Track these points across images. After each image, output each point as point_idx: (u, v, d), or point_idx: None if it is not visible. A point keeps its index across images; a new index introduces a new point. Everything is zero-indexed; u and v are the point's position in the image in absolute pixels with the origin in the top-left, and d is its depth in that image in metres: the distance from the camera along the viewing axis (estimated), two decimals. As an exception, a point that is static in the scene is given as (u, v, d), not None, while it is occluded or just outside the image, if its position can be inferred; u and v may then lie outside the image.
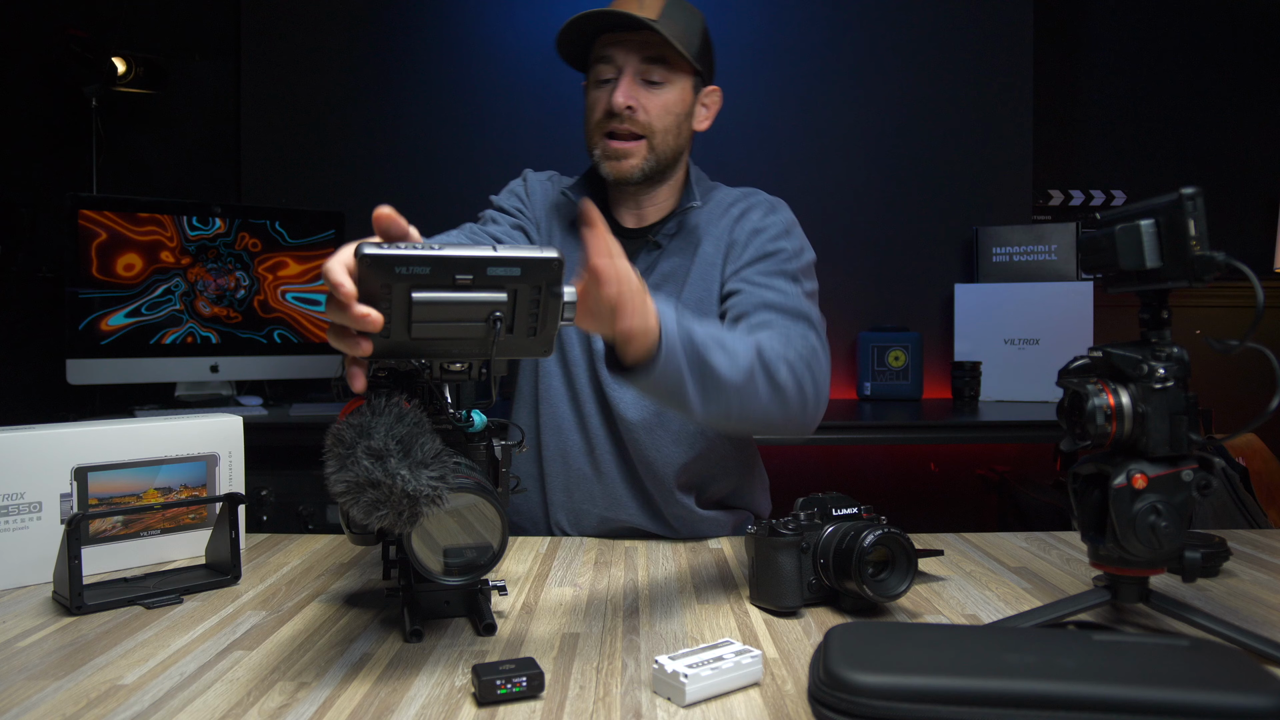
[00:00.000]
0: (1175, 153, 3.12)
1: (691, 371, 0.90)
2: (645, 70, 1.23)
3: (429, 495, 0.70)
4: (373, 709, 0.69)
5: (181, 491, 1.12)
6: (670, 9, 1.22)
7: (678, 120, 1.26)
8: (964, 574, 1.06)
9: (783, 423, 1.07)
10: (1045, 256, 2.75)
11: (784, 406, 1.04)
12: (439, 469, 0.71)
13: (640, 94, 1.23)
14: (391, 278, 0.69)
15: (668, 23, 1.21)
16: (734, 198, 1.32)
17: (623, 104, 1.21)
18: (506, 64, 2.89)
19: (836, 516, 0.94)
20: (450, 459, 0.73)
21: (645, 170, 1.25)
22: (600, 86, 1.26)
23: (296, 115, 2.91)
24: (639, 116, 1.23)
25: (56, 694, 0.72)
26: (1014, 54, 2.91)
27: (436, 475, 0.71)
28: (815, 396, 1.09)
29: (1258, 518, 1.99)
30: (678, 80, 1.25)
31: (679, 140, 1.28)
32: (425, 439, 0.72)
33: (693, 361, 0.90)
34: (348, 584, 1.02)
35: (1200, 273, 0.74)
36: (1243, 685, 0.58)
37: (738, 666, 0.72)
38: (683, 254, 1.28)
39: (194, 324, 2.47)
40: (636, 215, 1.33)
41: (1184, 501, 0.78)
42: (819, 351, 1.12)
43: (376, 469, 0.69)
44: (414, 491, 0.69)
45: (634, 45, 1.22)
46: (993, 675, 0.59)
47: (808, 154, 2.88)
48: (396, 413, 0.73)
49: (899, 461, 2.95)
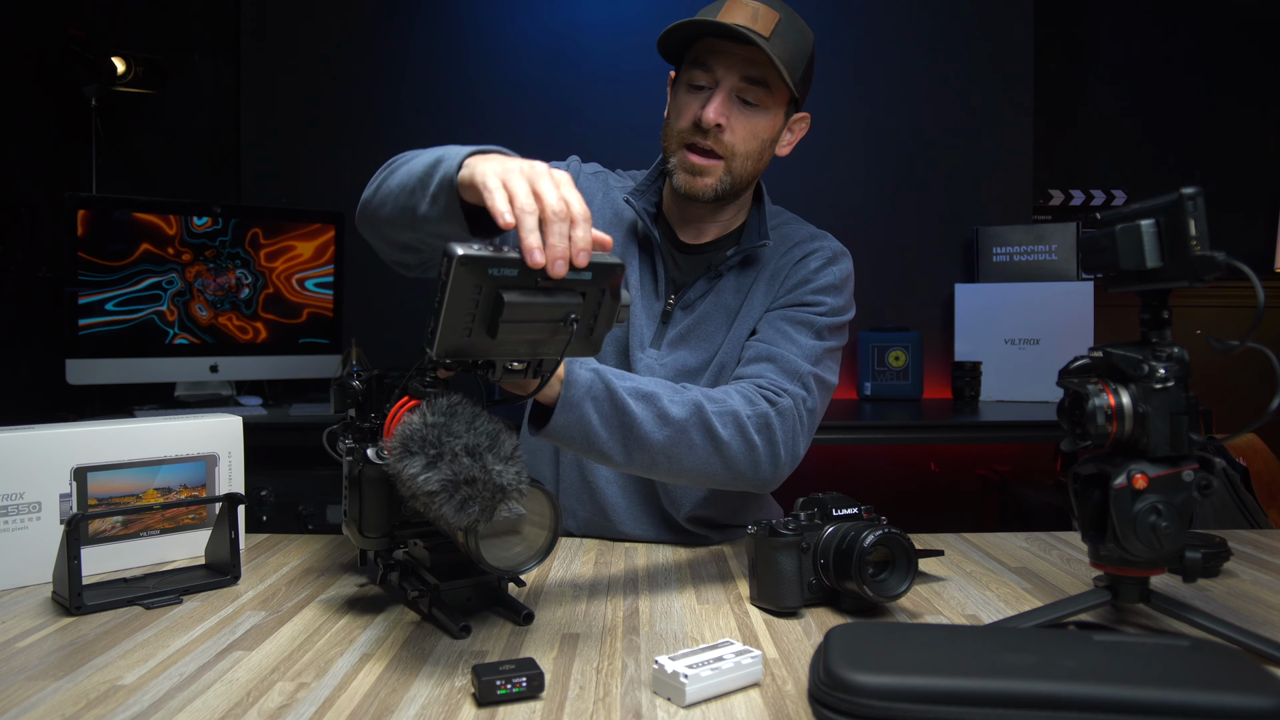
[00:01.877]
0: (1175, 153, 3.13)
1: (606, 423, 0.97)
2: (743, 89, 1.15)
3: (516, 488, 0.73)
4: (373, 709, 0.69)
5: (181, 492, 1.12)
6: (784, 27, 1.14)
7: (762, 146, 1.19)
8: (964, 574, 1.06)
9: (728, 478, 1.06)
10: (1045, 256, 2.75)
11: (727, 463, 1.04)
12: (518, 464, 0.74)
13: (732, 113, 1.16)
14: (483, 278, 0.72)
15: (778, 42, 1.12)
16: (800, 237, 1.27)
17: (713, 120, 1.14)
18: (506, 64, 2.89)
19: (837, 517, 0.94)
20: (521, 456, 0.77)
21: (719, 191, 1.19)
22: (693, 93, 1.18)
23: (296, 115, 2.91)
24: (725, 137, 1.16)
25: (56, 694, 0.72)
26: (1014, 54, 2.91)
27: (517, 470, 0.74)
28: (770, 456, 1.07)
29: (1258, 518, 1.99)
30: (773, 106, 1.18)
31: (758, 165, 1.21)
32: (506, 436, 0.75)
33: (607, 414, 0.96)
34: (348, 584, 1.02)
35: (1201, 272, 0.74)
36: (1243, 686, 0.58)
37: (738, 667, 0.72)
38: (738, 290, 1.24)
39: (185, 334, 2.47)
40: (696, 230, 1.28)
41: (1184, 502, 0.78)
42: (794, 413, 1.10)
43: (474, 466, 0.71)
44: (506, 485, 0.72)
45: (738, 60, 1.14)
46: (993, 676, 0.59)
47: (807, 154, 2.85)
48: (473, 411, 0.76)
49: (899, 461, 2.95)
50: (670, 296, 1.25)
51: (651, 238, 1.24)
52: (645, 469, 1.03)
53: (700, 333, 1.23)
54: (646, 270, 1.26)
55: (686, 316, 1.23)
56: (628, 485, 1.24)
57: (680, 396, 1.03)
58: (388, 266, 1.19)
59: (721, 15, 1.13)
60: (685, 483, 1.10)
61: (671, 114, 1.21)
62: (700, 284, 1.24)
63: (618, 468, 1.03)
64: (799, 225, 1.31)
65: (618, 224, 1.28)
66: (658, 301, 1.25)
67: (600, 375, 0.97)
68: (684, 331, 1.23)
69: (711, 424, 1.03)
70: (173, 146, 2.93)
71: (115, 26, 2.81)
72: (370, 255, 1.19)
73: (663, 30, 1.16)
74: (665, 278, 1.24)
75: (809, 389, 1.14)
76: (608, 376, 0.98)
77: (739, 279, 1.24)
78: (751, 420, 1.06)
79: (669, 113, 1.22)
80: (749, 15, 1.12)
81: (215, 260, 2.49)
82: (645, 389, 1.01)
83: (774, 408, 1.08)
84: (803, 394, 1.13)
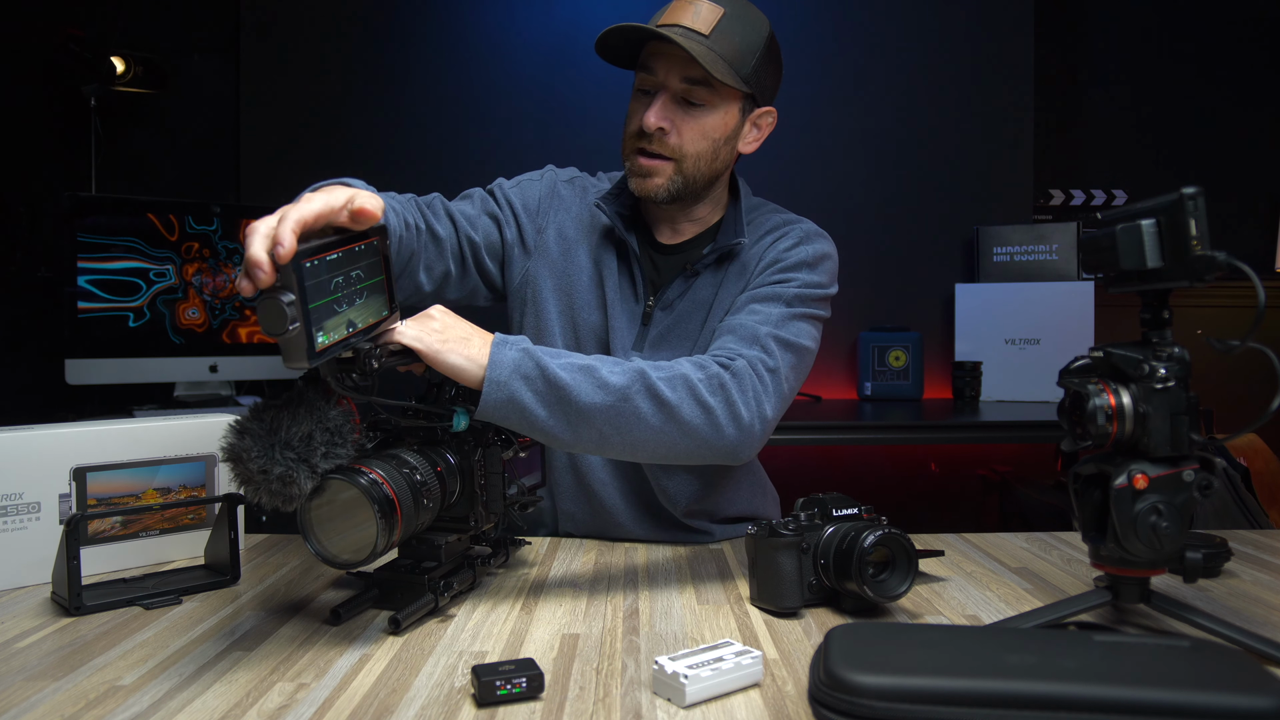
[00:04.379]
0: (1176, 152, 3.12)
1: (541, 400, 0.93)
2: (686, 90, 1.14)
3: (281, 474, 0.76)
4: (373, 709, 0.69)
5: (180, 492, 1.11)
6: (727, 22, 1.12)
7: (714, 146, 1.17)
8: (965, 574, 1.06)
9: (693, 448, 1.01)
10: (1046, 256, 2.75)
11: (684, 430, 0.99)
12: (301, 451, 0.77)
13: (676, 115, 1.15)
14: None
15: (720, 38, 1.11)
16: (774, 224, 1.25)
17: (654, 125, 1.14)
18: (506, 64, 2.89)
19: (837, 517, 0.94)
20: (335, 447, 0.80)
21: (671, 191, 1.18)
22: (640, 97, 1.18)
23: (296, 115, 2.91)
24: (670, 140, 1.15)
25: (55, 695, 0.72)
26: (1015, 54, 2.91)
27: (295, 456, 0.76)
28: (731, 418, 1.01)
29: (1259, 518, 1.99)
30: (721, 104, 1.15)
31: (714, 164, 1.19)
32: (296, 425, 0.78)
33: (540, 390, 0.93)
34: (347, 584, 1.02)
35: (1201, 272, 0.74)
36: (1243, 686, 0.58)
37: (738, 667, 0.72)
38: (714, 285, 1.23)
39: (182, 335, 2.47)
40: (672, 230, 1.28)
41: (1185, 502, 0.78)
42: (750, 372, 1.05)
43: (239, 445, 0.77)
44: (264, 469, 0.75)
45: (677, 62, 1.12)
46: (993, 676, 0.59)
47: (808, 154, 2.88)
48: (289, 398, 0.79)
49: (899, 462, 2.94)
50: (650, 298, 1.25)
51: (625, 241, 1.23)
52: (597, 445, 0.98)
53: (680, 331, 1.23)
54: (624, 274, 1.26)
55: (667, 317, 1.24)
56: (623, 485, 1.24)
57: (621, 366, 0.99)
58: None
59: (665, 18, 1.13)
60: (650, 459, 1.03)
61: (627, 119, 1.21)
62: (678, 283, 1.23)
63: (568, 448, 0.99)
64: (776, 214, 1.29)
65: (593, 229, 1.28)
66: (637, 304, 1.25)
67: (530, 354, 0.94)
68: (664, 331, 1.23)
69: (657, 388, 0.98)
70: (173, 146, 2.93)
71: (115, 26, 2.80)
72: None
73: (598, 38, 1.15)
74: (643, 280, 1.24)
75: (768, 350, 1.08)
76: (538, 354, 0.95)
77: (715, 275, 1.23)
78: (703, 383, 1.01)
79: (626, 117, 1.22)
80: (690, 15, 1.11)
81: (214, 260, 2.49)
82: (582, 362, 0.97)
83: (727, 370, 1.03)
84: (759, 355, 1.07)
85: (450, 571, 0.95)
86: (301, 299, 0.73)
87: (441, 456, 0.92)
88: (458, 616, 0.91)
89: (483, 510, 0.95)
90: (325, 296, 0.76)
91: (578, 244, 1.27)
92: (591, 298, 1.25)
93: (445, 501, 0.92)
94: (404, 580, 0.91)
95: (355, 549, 0.81)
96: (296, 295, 0.72)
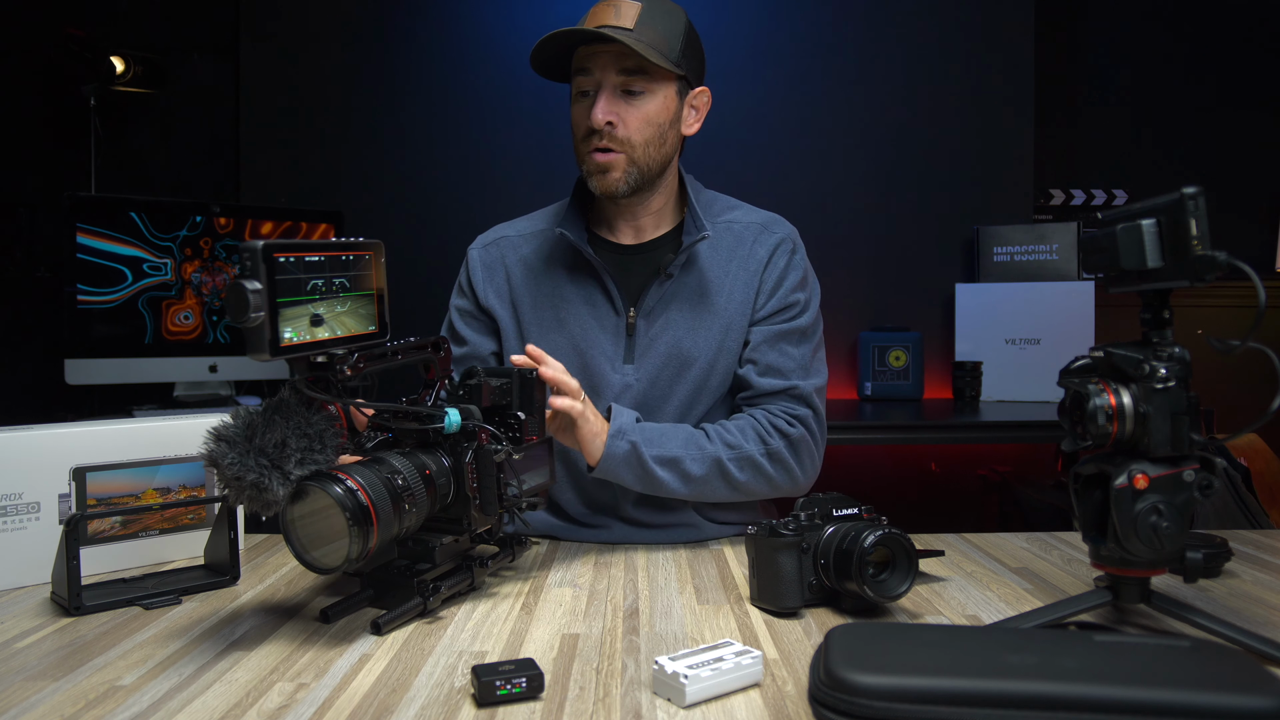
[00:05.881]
0: (1176, 152, 3.12)
1: (640, 482, 1.18)
2: (624, 82, 1.20)
3: (253, 481, 0.76)
4: (372, 709, 0.69)
5: (180, 492, 1.11)
6: (647, 14, 1.19)
7: (660, 131, 1.23)
8: (965, 574, 1.06)
9: (752, 500, 1.28)
10: (1046, 256, 2.74)
11: (750, 494, 1.23)
12: (275, 458, 0.77)
13: (620, 107, 1.20)
14: None
15: (645, 29, 1.17)
16: (753, 232, 1.30)
17: (602, 120, 1.19)
18: (506, 63, 2.89)
19: (837, 517, 0.93)
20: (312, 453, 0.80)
21: (630, 183, 1.23)
22: (581, 101, 1.23)
23: (295, 114, 2.91)
24: (619, 132, 1.20)
25: (55, 695, 0.72)
26: (1015, 53, 2.91)
27: (268, 463, 0.77)
28: (789, 481, 1.23)
29: (1259, 518, 1.99)
30: (659, 89, 1.22)
31: (664, 149, 1.24)
32: (271, 431, 0.78)
33: (640, 475, 1.18)
34: (347, 584, 1.02)
35: (1202, 272, 0.74)
36: (1244, 686, 0.58)
37: (738, 667, 0.72)
38: (698, 291, 1.27)
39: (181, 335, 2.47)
40: (634, 229, 1.31)
41: (1185, 502, 0.78)
42: (806, 437, 1.24)
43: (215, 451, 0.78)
44: (238, 475, 0.76)
45: (611, 57, 1.19)
46: (994, 676, 0.59)
47: (808, 154, 2.88)
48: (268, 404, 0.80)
49: (899, 461, 2.94)
50: (630, 310, 1.26)
51: (589, 260, 1.26)
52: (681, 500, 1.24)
53: (667, 339, 1.26)
54: (597, 292, 1.28)
55: (651, 325, 1.26)
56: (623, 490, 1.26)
57: (700, 454, 1.19)
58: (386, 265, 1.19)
59: (589, 22, 1.20)
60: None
61: (573, 128, 1.26)
62: (654, 290, 1.26)
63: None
64: (737, 211, 1.34)
65: (547, 267, 1.31)
66: (618, 317, 1.26)
67: (635, 449, 1.16)
68: (651, 340, 1.26)
69: (729, 474, 1.20)
70: (172, 146, 2.93)
71: (114, 26, 2.80)
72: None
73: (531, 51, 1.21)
74: (618, 292, 1.26)
75: (814, 406, 1.26)
76: (641, 449, 1.16)
77: (695, 280, 1.28)
78: (766, 459, 1.21)
79: (572, 128, 1.27)
80: (612, 15, 1.19)
81: (213, 260, 2.49)
82: (670, 454, 1.18)
83: (787, 440, 1.22)
84: (810, 413, 1.25)
85: (446, 574, 0.95)
86: (270, 290, 0.74)
87: (435, 458, 0.92)
88: (458, 616, 0.91)
89: (476, 512, 0.94)
90: (299, 295, 0.77)
91: (540, 280, 1.31)
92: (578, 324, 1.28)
93: (437, 504, 0.91)
94: (396, 581, 0.91)
95: (335, 554, 0.81)
96: (264, 285, 0.73)
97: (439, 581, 0.92)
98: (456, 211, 2.83)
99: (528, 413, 1.01)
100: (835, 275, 1.42)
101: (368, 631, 0.86)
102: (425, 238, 2.74)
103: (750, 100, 2.83)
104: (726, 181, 1.51)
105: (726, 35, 2.85)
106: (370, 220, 2.76)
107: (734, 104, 2.76)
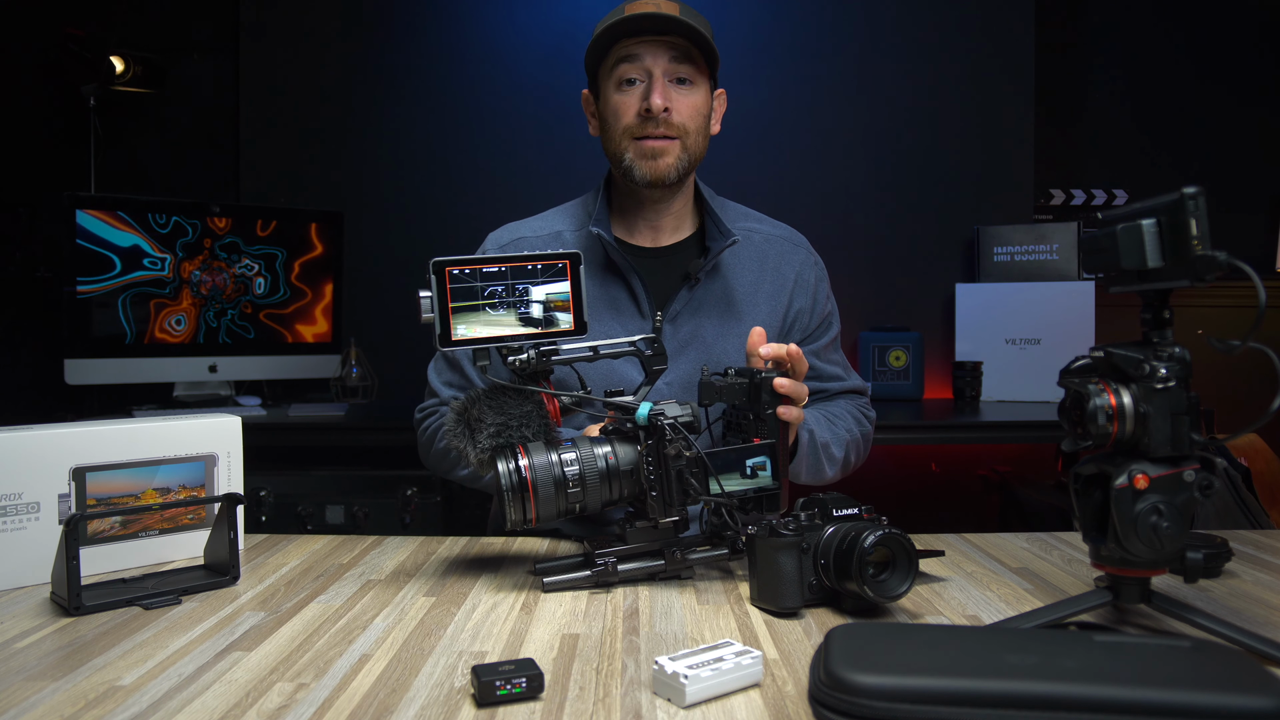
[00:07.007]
0: (1176, 152, 3.12)
1: (809, 470, 1.24)
2: (674, 70, 1.20)
3: (452, 444, 0.98)
4: (372, 709, 0.69)
5: (180, 492, 1.11)
6: (686, 11, 1.20)
7: (705, 122, 1.24)
8: (965, 574, 1.06)
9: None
10: (1046, 256, 2.75)
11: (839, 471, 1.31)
12: (474, 429, 0.97)
13: (673, 94, 1.21)
14: None
15: (690, 16, 1.19)
16: (778, 246, 1.32)
17: (662, 105, 1.18)
18: (506, 63, 2.89)
19: (837, 517, 0.93)
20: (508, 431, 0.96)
21: (679, 170, 1.23)
22: (626, 90, 1.22)
23: (295, 114, 2.91)
24: (674, 118, 1.20)
25: (54, 695, 0.72)
26: (1015, 53, 2.91)
27: (466, 432, 0.97)
28: (859, 459, 1.34)
29: (1260, 518, 1.99)
30: (702, 81, 1.23)
31: (704, 142, 1.26)
32: (476, 409, 0.97)
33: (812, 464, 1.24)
34: (347, 584, 1.02)
35: (1202, 272, 0.73)
36: (1244, 686, 0.58)
37: (738, 667, 0.72)
38: (724, 299, 1.28)
39: (181, 334, 2.47)
40: (653, 232, 1.30)
41: (1186, 502, 0.77)
42: (871, 419, 1.38)
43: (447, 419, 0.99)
44: (446, 435, 0.99)
45: (662, 45, 1.19)
46: (994, 676, 0.59)
47: (808, 154, 2.88)
48: (492, 388, 0.97)
49: (900, 461, 2.94)
50: (657, 313, 1.26)
51: (622, 262, 1.26)
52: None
53: (696, 345, 1.27)
54: (623, 295, 1.28)
55: (678, 330, 1.26)
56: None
57: (839, 438, 1.28)
58: (386, 266, 1.21)
59: (634, 10, 1.19)
60: None
61: (609, 119, 1.24)
62: (681, 294, 1.27)
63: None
64: (762, 220, 1.36)
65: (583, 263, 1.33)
66: (644, 320, 1.26)
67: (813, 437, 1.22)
68: (679, 345, 1.27)
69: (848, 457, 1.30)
70: (172, 146, 2.93)
71: (114, 26, 2.80)
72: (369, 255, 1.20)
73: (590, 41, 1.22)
74: (645, 295, 1.25)
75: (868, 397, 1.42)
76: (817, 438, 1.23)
77: (720, 288, 1.29)
78: (864, 440, 1.36)
79: (604, 122, 1.26)
80: (654, 5, 1.19)
81: (212, 259, 2.49)
82: (823, 438, 1.25)
83: (870, 422, 1.39)
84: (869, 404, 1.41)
85: (631, 554, 1.00)
86: (439, 297, 0.91)
87: (627, 448, 0.99)
88: (458, 616, 0.91)
89: (654, 502, 0.97)
90: (474, 300, 0.94)
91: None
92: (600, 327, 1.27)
93: (620, 490, 0.98)
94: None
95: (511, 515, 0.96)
96: (433, 292, 0.91)
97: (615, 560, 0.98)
98: (457, 211, 2.83)
99: (757, 414, 1.05)
100: (835, 275, 1.42)
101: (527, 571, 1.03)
102: (425, 238, 2.74)
103: (750, 100, 2.82)
104: (727, 181, 1.51)
105: (726, 35, 2.83)
106: (370, 220, 2.76)
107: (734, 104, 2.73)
